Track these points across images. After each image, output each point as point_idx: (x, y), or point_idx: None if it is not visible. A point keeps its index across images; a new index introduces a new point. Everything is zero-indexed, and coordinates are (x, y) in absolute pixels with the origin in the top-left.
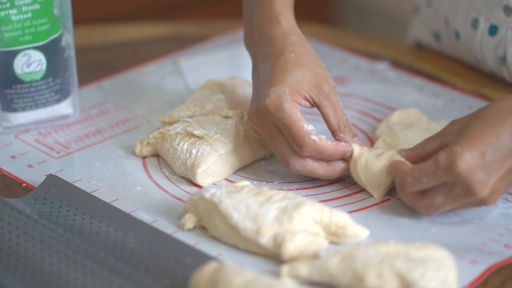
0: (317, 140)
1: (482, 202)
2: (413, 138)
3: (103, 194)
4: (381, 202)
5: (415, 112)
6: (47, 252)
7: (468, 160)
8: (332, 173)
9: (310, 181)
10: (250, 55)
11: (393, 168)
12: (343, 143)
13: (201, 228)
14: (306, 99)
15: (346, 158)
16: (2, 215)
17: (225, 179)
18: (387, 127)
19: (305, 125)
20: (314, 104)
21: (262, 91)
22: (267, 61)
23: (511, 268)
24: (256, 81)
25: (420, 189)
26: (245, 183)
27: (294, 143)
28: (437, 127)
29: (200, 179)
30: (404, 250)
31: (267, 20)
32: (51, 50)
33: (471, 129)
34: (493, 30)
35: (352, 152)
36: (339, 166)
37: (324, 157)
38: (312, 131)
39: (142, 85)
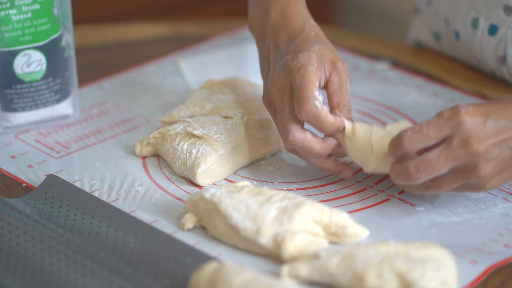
0: (319, 107)
1: (475, 171)
2: None
3: (103, 194)
4: (381, 202)
5: (407, 125)
6: (47, 252)
7: (471, 111)
8: (326, 149)
9: (310, 181)
10: (258, 35)
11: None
12: (338, 118)
13: (201, 228)
14: (323, 72)
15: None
16: (2, 215)
17: (225, 179)
18: None
19: (316, 91)
20: (324, 80)
21: (289, 56)
22: (287, 35)
23: (511, 268)
24: (275, 52)
25: (419, 143)
26: (245, 183)
27: (298, 103)
28: None
29: (200, 179)
30: (404, 250)
31: (285, 4)
32: (51, 50)
33: (481, 102)
34: (493, 30)
35: (343, 127)
36: (332, 143)
37: (319, 127)
38: (319, 100)
39: (142, 85)
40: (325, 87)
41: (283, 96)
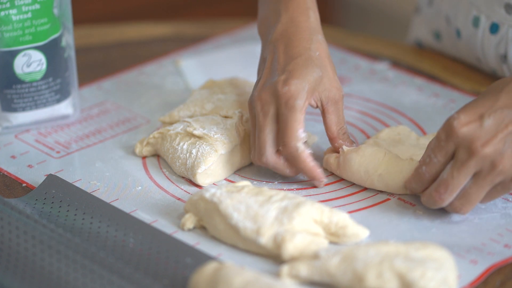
0: (299, 150)
1: (494, 168)
2: (399, 155)
3: (103, 194)
4: (381, 202)
5: (404, 129)
6: (47, 252)
7: (464, 120)
8: (295, 174)
9: (310, 181)
10: (265, 38)
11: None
12: (319, 170)
13: (201, 228)
14: (315, 101)
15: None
16: (2, 215)
17: (225, 179)
18: (374, 143)
19: (300, 131)
20: (319, 107)
21: (282, 78)
22: (291, 50)
23: (511, 268)
24: (272, 62)
25: (437, 172)
26: (245, 183)
27: (282, 138)
28: (426, 142)
29: (200, 179)
30: (404, 250)
31: (297, 11)
32: (51, 50)
33: (469, 103)
34: (494, 28)
35: (323, 183)
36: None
37: (297, 167)
38: (303, 139)
39: (142, 85)
40: (322, 115)
41: (266, 115)
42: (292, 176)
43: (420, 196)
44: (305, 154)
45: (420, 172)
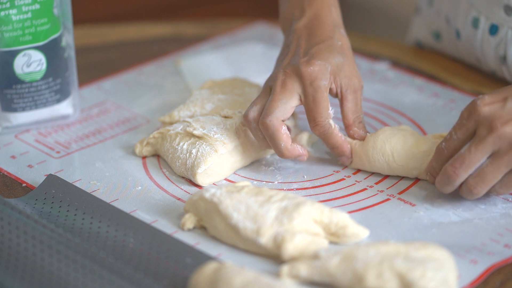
0: (332, 126)
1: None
2: None
3: (103, 194)
4: (381, 202)
5: (407, 129)
6: (47, 252)
7: (488, 100)
8: (288, 152)
9: (310, 181)
10: (288, 30)
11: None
12: (348, 146)
13: (201, 228)
14: (336, 86)
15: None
16: (2, 215)
17: (225, 179)
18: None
19: (330, 108)
20: (338, 94)
21: (305, 59)
22: (314, 38)
23: (511, 268)
24: (296, 47)
25: (455, 148)
26: (245, 183)
27: (312, 119)
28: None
29: (200, 179)
30: (404, 250)
31: (321, 6)
32: (51, 50)
33: (496, 89)
34: (493, 30)
35: (350, 160)
36: (298, 153)
37: (328, 144)
38: (332, 117)
39: (142, 85)
40: (340, 102)
41: (285, 88)
42: (281, 152)
43: (436, 180)
44: (337, 130)
45: (440, 149)
